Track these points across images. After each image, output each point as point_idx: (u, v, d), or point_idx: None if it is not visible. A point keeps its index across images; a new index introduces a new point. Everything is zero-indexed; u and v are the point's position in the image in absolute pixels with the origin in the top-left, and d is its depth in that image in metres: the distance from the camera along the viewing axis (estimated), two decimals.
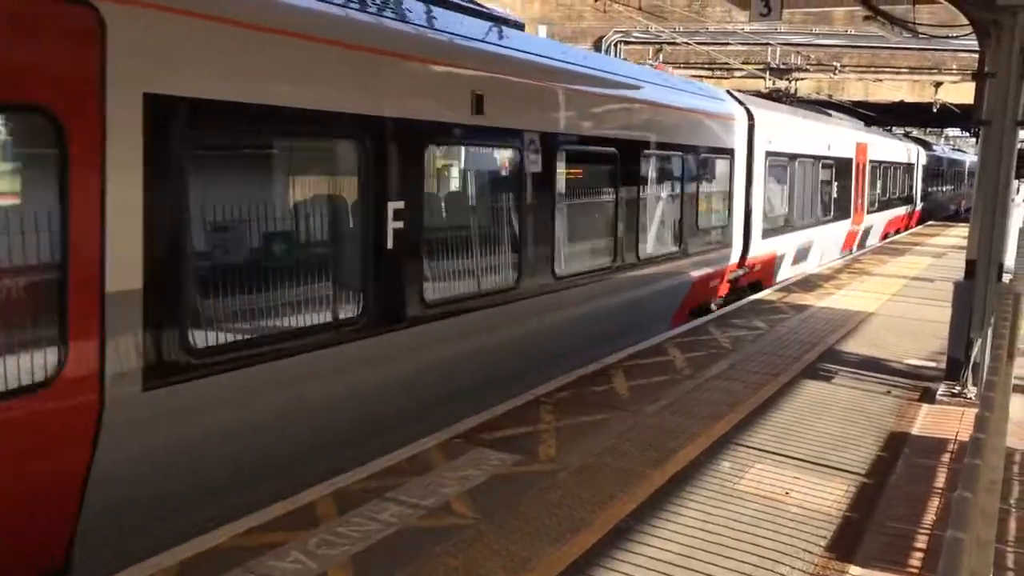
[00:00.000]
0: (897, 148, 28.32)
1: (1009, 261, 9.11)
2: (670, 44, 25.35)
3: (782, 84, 24.60)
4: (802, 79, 25.64)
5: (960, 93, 24.35)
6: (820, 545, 4.89)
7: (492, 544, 4.72)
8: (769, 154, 14.72)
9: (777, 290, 14.27)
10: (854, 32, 24.49)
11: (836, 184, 19.76)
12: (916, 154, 31.56)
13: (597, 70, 9.57)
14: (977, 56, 8.59)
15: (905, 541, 5.01)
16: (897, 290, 14.56)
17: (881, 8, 10.33)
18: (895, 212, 27.96)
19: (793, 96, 22.57)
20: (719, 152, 12.86)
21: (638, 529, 4.99)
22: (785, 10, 10.10)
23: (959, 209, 43.73)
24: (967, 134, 53.01)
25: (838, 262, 18.81)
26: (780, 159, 15.65)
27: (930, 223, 33.27)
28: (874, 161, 23.54)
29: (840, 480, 5.88)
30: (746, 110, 14.02)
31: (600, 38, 26.06)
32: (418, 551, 4.61)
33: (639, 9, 21.51)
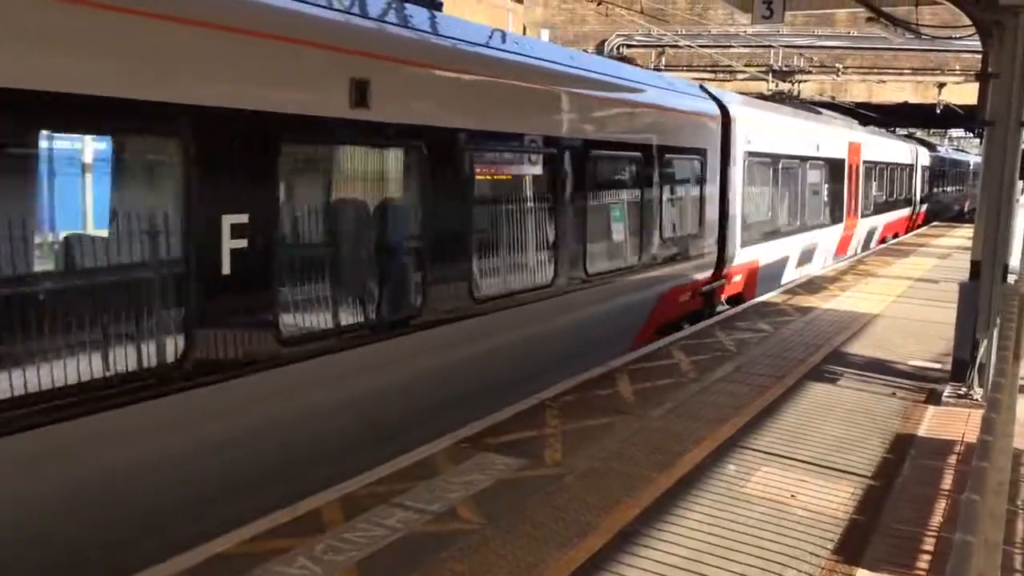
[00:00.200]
0: (894, 148, 27.57)
1: (1014, 262, 9.06)
2: (672, 47, 25.40)
3: (785, 86, 24.61)
4: (805, 81, 25.66)
5: (964, 94, 24.33)
6: (827, 548, 4.88)
7: (498, 549, 4.72)
8: (749, 155, 13.76)
9: (782, 292, 14.24)
10: (856, 34, 24.52)
11: (827, 187, 18.85)
12: (915, 154, 30.91)
13: (531, 58, 8.42)
14: (980, 57, 8.59)
15: (912, 543, 4.99)
16: (902, 291, 14.54)
17: (883, 9, 10.32)
18: (893, 215, 27.16)
19: (795, 98, 22.46)
20: (688, 152, 11.75)
21: (644, 533, 4.98)
22: (787, 12, 10.06)
23: (963, 210, 43.43)
24: (971, 135, 52.93)
25: (842, 264, 18.77)
26: (762, 160, 14.68)
27: (935, 224, 33.19)
28: (869, 162, 22.81)
29: (846, 482, 5.87)
30: (721, 106, 12.98)
31: (603, 41, 26.12)
32: (424, 557, 4.60)
33: (641, 12, 21.53)
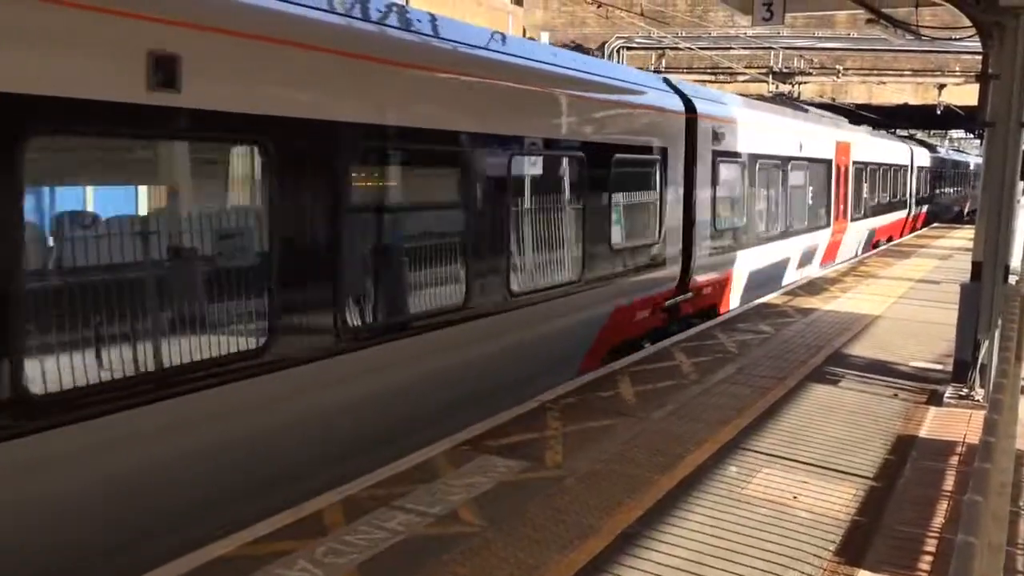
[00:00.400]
0: (888, 148, 26.58)
1: (1015, 263, 9.06)
2: (672, 49, 25.42)
3: (785, 88, 24.63)
4: (805, 83, 25.68)
5: (964, 95, 24.34)
6: (829, 549, 4.87)
7: (500, 552, 4.71)
8: (719, 154, 12.54)
9: (782, 294, 14.24)
10: (856, 35, 24.53)
11: (812, 189, 17.81)
12: (911, 155, 29.95)
13: (426, 36, 6.99)
14: (980, 58, 8.59)
15: (914, 545, 4.99)
16: (903, 293, 14.53)
17: (883, 11, 10.32)
18: (886, 219, 26.14)
19: (796, 100, 22.46)
20: (645, 151, 10.55)
21: (646, 535, 4.97)
22: (787, 14, 10.05)
23: (962, 212, 43.08)
24: (972, 136, 52.94)
25: (843, 265, 18.76)
26: (735, 160, 13.45)
27: (935, 225, 33.12)
28: (860, 162, 21.85)
29: (848, 484, 5.86)
30: (686, 101, 11.69)
31: (603, 44, 26.16)
32: (425, 559, 4.60)
33: (641, 15, 21.57)
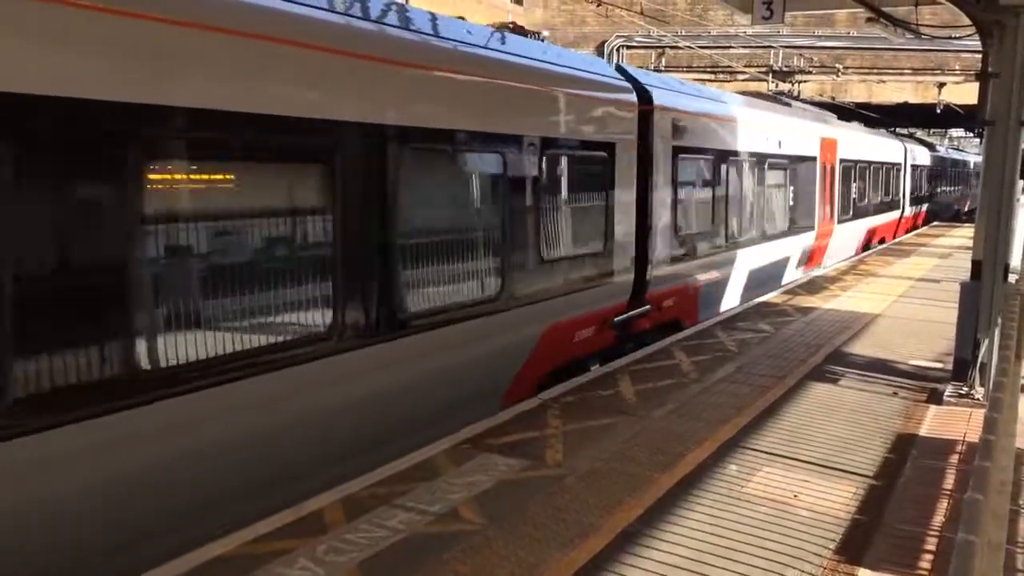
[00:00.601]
0: (879, 145, 25.11)
1: (1015, 262, 9.07)
2: (672, 48, 25.43)
3: (785, 87, 24.63)
4: (805, 81, 25.70)
5: (964, 94, 24.36)
6: (829, 548, 4.88)
7: (500, 550, 4.72)
8: (681, 151, 11.32)
9: (782, 292, 14.25)
10: (856, 34, 24.55)
11: (793, 189, 16.54)
12: (904, 152, 28.50)
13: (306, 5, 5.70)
14: (980, 56, 8.59)
15: (914, 543, 4.99)
16: (903, 291, 14.53)
17: (883, 9, 10.32)
18: (877, 220, 24.82)
19: (796, 98, 22.43)
20: (583, 147, 9.12)
21: (646, 533, 4.98)
22: (787, 12, 10.03)
23: (960, 212, 42.59)
24: (971, 135, 52.97)
25: (843, 264, 18.76)
26: (702, 158, 12.20)
27: (935, 224, 33.09)
28: (848, 160, 20.58)
29: (848, 482, 5.86)
30: (640, 91, 10.37)
31: (603, 43, 26.15)
32: (426, 558, 4.60)
33: (641, 14, 21.56)
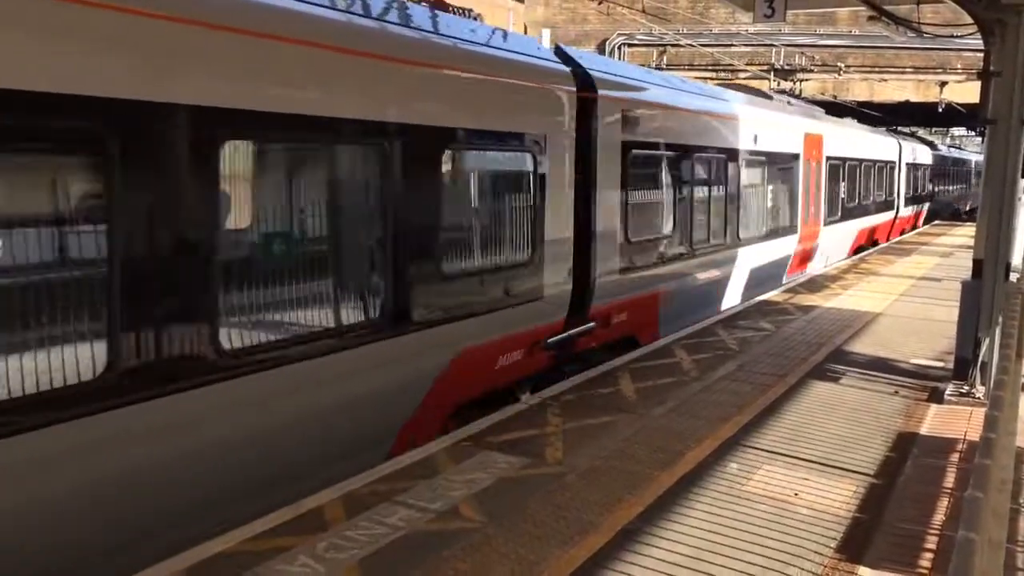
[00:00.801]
0: (871, 142, 23.60)
1: (1016, 260, 9.07)
2: (674, 46, 25.41)
3: (787, 85, 24.61)
4: (807, 80, 25.67)
5: (965, 92, 24.32)
6: (830, 546, 4.88)
7: (500, 548, 4.72)
8: (634, 146, 9.95)
9: (783, 291, 14.24)
10: (858, 32, 24.53)
11: (772, 189, 15.17)
12: (899, 150, 27.04)
13: None
14: (982, 55, 8.58)
15: (915, 542, 4.99)
16: (904, 290, 14.53)
17: (885, 8, 10.30)
18: (869, 221, 23.50)
19: (798, 97, 22.39)
20: (497, 139, 7.72)
21: (646, 531, 4.98)
22: (789, 11, 10.01)
23: (958, 211, 42.01)
24: (973, 133, 52.93)
25: (844, 262, 18.75)
26: (660, 154, 10.84)
27: (936, 222, 33.03)
28: (835, 158, 19.30)
29: (849, 481, 5.86)
30: (578, 75, 8.91)
31: (604, 41, 26.14)
32: (426, 555, 4.60)
33: (642, 12, 21.54)
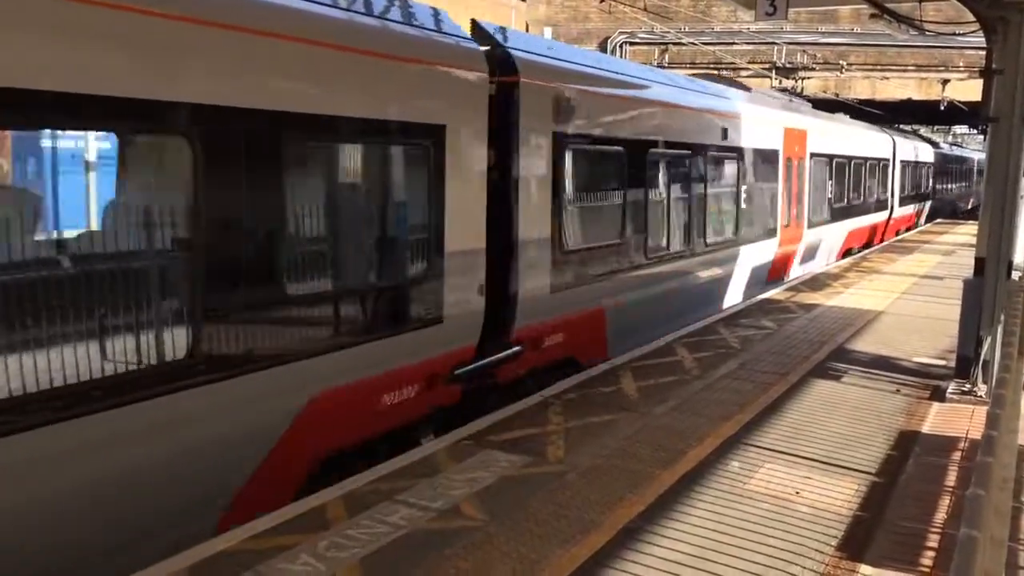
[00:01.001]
0: (861, 139, 22.18)
1: (1018, 258, 9.05)
2: (676, 44, 25.39)
3: (789, 83, 24.59)
4: (809, 78, 25.63)
5: (968, 90, 24.27)
6: (831, 545, 4.87)
7: (502, 546, 4.72)
8: (570, 140, 8.66)
9: (785, 289, 14.22)
10: (860, 30, 24.49)
11: (744, 188, 13.71)
12: (892, 147, 25.41)
13: None
14: (984, 53, 8.56)
15: (916, 540, 4.99)
16: (906, 288, 14.51)
17: (887, 6, 10.28)
18: (860, 222, 22.18)
19: (798, 95, 22.34)
20: (383, 132, 6.47)
21: (648, 530, 4.98)
22: (791, 9, 9.99)
23: (956, 211, 41.41)
24: (974, 131, 52.86)
25: (845, 261, 18.73)
26: (605, 148, 9.54)
27: (938, 220, 32.95)
28: (820, 155, 17.99)
29: (851, 479, 5.86)
30: (498, 56, 7.77)
31: (606, 39, 26.12)
32: (427, 554, 4.60)
33: (644, 10, 21.48)
